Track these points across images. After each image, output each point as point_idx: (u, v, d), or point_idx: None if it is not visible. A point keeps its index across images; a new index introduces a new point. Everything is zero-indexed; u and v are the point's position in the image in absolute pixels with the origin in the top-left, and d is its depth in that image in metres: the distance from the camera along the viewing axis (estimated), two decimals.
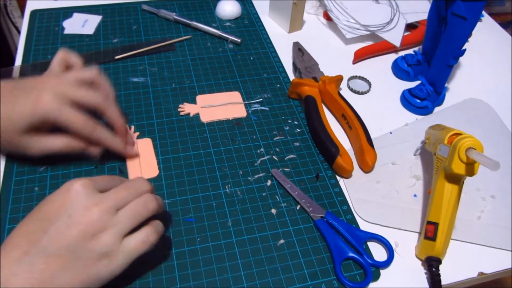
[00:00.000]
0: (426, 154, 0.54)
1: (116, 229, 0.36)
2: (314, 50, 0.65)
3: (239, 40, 0.67)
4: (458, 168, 0.40)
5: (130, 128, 0.54)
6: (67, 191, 0.36)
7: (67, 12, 0.70)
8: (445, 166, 0.42)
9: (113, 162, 0.50)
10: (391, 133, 0.57)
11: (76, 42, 0.65)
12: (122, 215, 0.37)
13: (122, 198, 0.37)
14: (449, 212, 0.42)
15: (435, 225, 0.42)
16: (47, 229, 0.35)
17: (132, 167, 0.50)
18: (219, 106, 0.58)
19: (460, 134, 0.43)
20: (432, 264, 0.42)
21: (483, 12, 0.78)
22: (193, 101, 0.58)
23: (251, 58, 0.66)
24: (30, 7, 0.71)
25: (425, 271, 0.44)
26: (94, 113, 0.46)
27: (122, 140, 0.49)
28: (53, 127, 0.44)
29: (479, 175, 0.52)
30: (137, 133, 0.53)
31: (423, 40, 0.63)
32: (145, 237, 0.37)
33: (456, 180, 0.42)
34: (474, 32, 0.54)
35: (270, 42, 0.69)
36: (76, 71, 0.48)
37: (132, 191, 0.38)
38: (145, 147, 0.52)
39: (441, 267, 0.43)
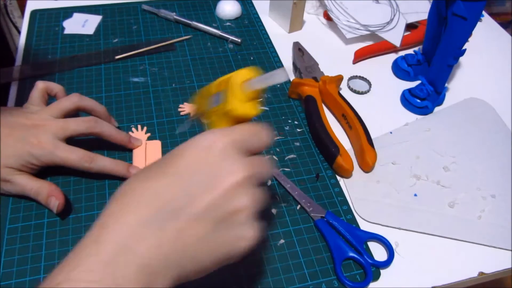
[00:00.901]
0: (426, 153, 0.54)
1: (253, 200, 0.30)
2: (314, 50, 0.65)
3: (239, 40, 0.67)
4: (239, 108, 0.32)
5: (142, 129, 0.54)
6: (207, 148, 0.30)
7: (67, 12, 0.70)
8: (224, 113, 0.33)
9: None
10: (391, 133, 0.57)
11: (76, 42, 0.65)
12: (258, 190, 0.31)
13: (260, 166, 0.31)
14: None
15: None
16: (184, 188, 0.29)
17: (138, 167, 0.49)
18: None
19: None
20: None
21: (483, 12, 0.78)
22: None
23: (251, 58, 0.66)
24: (30, 7, 0.71)
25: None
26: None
27: (131, 145, 0.50)
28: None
29: (480, 174, 0.52)
30: (148, 134, 0.53)
31: (423, 40, 0.63)
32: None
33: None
34: (474, 32, 0.54)
35: (270, 42, 0.69)
36: (58, 103, 0.47)
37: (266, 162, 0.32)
38: (154, 149, 0.52)
39: (441, 267, 0.43)
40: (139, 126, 0.54)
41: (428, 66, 0.64)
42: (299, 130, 0.56)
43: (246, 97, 0.32)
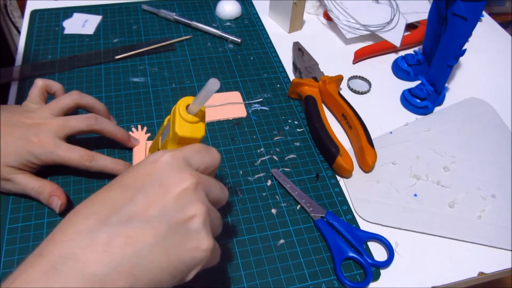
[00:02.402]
0: (426, 154, 0.54)
1: (206, 208, 0.31)
2: (314, 50, 0.65)
3: (239, 40, 0.67)
4: (184, 130, 0.34)
5: (142, 129, 0.54)
6: (154, 162, 0.31)
7: (67, 12, 0.70)
8: (172, 137, 0.36)
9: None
10: (391, 133, 0.57)
11: (76, 42, 0.65)
12: (210, 195, 0.32)
13: (210, 181, 0.33)
14: None
15: None
16: (133, 197, 0.29)
17: None
18: (219, 106, 0.58)
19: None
20: None
21: (483, 12, 0.78)
22: None
23: (251, 58, 0.66)
24: (30, 7, 0.71)
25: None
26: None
27: (130, 144, 0.50)
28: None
29: (480, 174, 0.52)
30: (148, 134, 0.53)
31: (423, 40, 0.63)
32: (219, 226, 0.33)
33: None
34: (474, 32, 0.54)
35: (270, 42, 0.69)
36: (58, 100, 0.47)
37: (214, 169, 0.35)
38: None
39: (441, 267, 0.43)
40: (139, 126, 0.54)
41: (428, 66, 0.64)
42: (299, 130, 0.56)
43: (189, 120, 0.34)
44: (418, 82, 0.62)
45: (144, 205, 0.28)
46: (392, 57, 0.69)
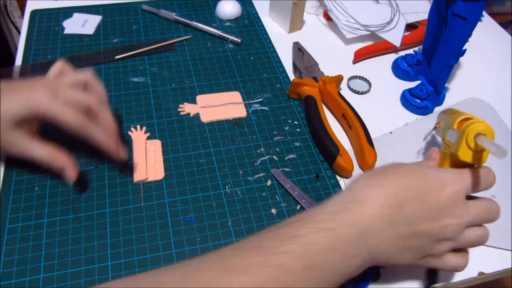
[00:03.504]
0: (428, 142, 0.54)
1: (457, 244, 0.37)
2: (314, 50, 0.65)
3: (239, 40, 0.67)
4: (465, 155, 0.37)
5: (141, 129, 0.54)
6: (442, 185, 0.35)
7: (67, 12, 0.70)
8: (452, 152, 0.39)
9: (114, 163, 0.50)
10: (391, 133, 0.57)
11: (76, 42, 0.65)
12: (467, 236, 0.37)
13: (478, 220, 0.37)
14: None
15: None
16: (421, 207, 0.34)
17: (138, 167, 0.49)
18: (219, 106, 0.58)
19: (471, 118, 0.39)
20: None
21: (483, 12, 0.78)
22: (193, 101, 0.58)
23: (251, 58, 0.66)
24: (30, 7, 0.71)
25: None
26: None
27: (114, 142, 0.46)
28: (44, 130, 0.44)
29: None
30: (147, 134, 0.53)
31: (423, 40, 0.63)
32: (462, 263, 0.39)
33: (462, 168, 0.40)
34: (474, 32, 0.54)
35: (270, 42, 0.69)
36: (71, 74, 0.47)
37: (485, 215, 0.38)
38: (153, 148, 0.52)
39: None
40: (138, 126, 0.54)
41: (428, 66, 0.64)
42: (299, 130, 0.56)
43: (474, 149, 0.37)
44: (418, 82, 0.62)
45: (419, 218, 0.35)
46: (392, 57, 0.69)
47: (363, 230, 0.33)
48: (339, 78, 0.59)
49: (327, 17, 0.74)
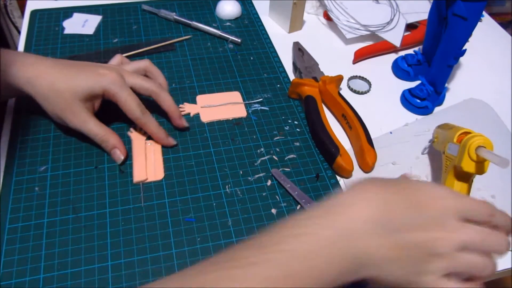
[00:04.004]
0: (428, 154, 0.54)
1: (451, 265, 0.32)
2: (314, 50, 0.65)
3: (239, 40, 0.67)
4: (468, 166, 0.40)
5: (141, 129, 0.53)
6: (438, 199, 0.33)
7: (67, 12, 0.70)
8: (455, 164, 0.42)
9: (114, 162, 0.50)
10: (391, 133, 0.57)
11: (76, 42, 0.65)
12: (462, 258, 0.33)
13: (475, 243, 0.33)
14: None
15: None
16: (411, 215, 0.32)
17: (138, 168, 0.49)
18: (219, 106, 0.58)
19: (469, 133, 0.43)
20: None
21: (483, 12, 0.78)
22: (193, 101, 0.58)
23: (251, 58, 0.66)
24: (30, 7, 0.71)
25: None
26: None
27: (179, 122, 0.53)
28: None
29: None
30: (147, 134, 0.52)
31: (423, 40, 0.63)
32: None
33: (466, 178, 0.43)
34: (474, 32, 0.54)
35: (270, 42, 0.69)
36: (132, 62, 0.53)
37: (487, 241, 0.33)
38: (153, 148, 0.52)
39: None
40: (132, 129, 0.54)
41: (428, 66, 0.64)
42: (299, 130, 0.56)
43: (476, 160, 0.40)
44: (418, 82, 0.62)
45: (409, 227, 0.32)
46: (392, 57, 0.69)
47: (348, 233, 0.31)
48: (339, 78, 0.59)
49: (327, 17, 0.74)
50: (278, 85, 0.62)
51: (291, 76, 0.64)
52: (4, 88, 0.47)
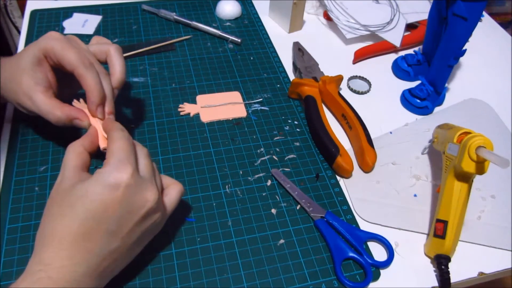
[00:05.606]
0: (428, 154, 0.54)
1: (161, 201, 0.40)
2: (314, 50, 0.65)
3: (239, 40, 0.67)
4: (468, 166, 0.41)
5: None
6: (115, 189, 0.36)
7: (67, 12, 0.70)
8: (455, 164, 0.42)
9: None
10: (391, 133, 0.57)
11: None
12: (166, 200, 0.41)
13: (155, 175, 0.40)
14: (459, 210, 0.42)
15: (445, 223, 0.43)
16: (107, 232, 0.36)
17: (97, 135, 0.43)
18: (219, 106, 0.58)
19: (469, 133, 0.44)
20: (441, 262, 0.42)
21: (483, 12, 0.78)
22: (193, 101, 0.58)
23: (251, 58, 0.66)
24: (30, 7, 0.71)
25: (434, 269, 0.44)
26: None
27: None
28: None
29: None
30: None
31: (423, 40, 0.63)
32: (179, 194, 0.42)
33: (466, 178, 0.43)
34: (474, 32, 0.54)
35: (270, 42, 0.69)
36: (97, 43, 0.50)
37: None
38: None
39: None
40: (81, 99, 0.46)
41: (428, 66, 0.64)
42: (299, 130, 0.56)
43: (476, 160, 0.40)
44: (418, 82, 0.62)
45: (119, 234, 0.37)
46: (392, 57, 0.69)
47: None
48: (339, 78, 0.59)
49: (327, 17, 0.74)
50: (278, 85, 0.62)
51: (291, 76, 0.64)
52: None
